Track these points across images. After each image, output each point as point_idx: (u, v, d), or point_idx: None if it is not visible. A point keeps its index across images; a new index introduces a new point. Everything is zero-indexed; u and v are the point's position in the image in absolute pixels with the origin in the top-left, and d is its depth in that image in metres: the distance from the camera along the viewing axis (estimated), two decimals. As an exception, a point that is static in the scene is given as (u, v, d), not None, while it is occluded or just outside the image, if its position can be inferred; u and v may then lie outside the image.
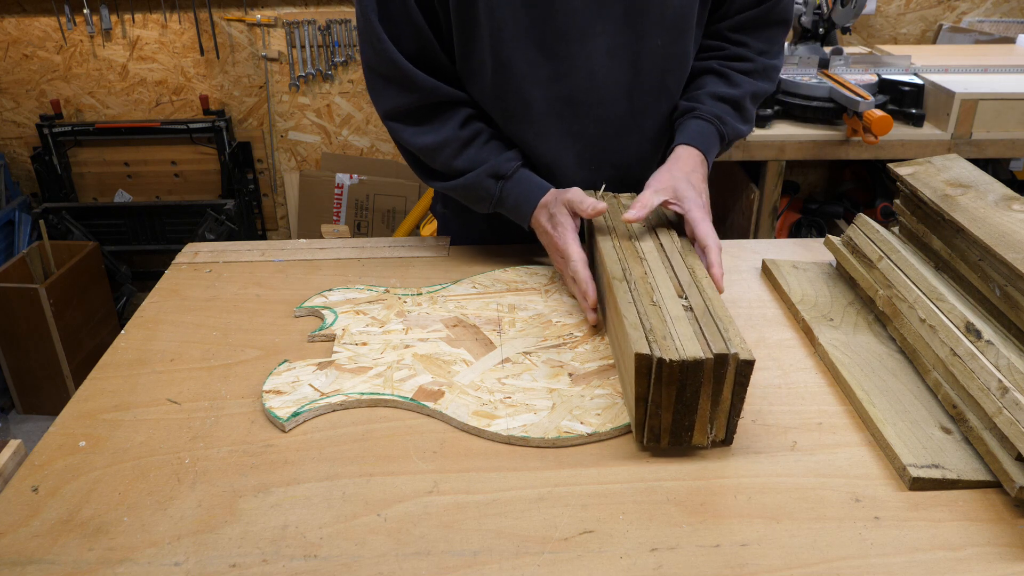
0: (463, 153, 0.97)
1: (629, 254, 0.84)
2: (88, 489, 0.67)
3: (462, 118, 0.98)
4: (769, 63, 1.06)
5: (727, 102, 1.02)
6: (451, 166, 0.98)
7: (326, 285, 1.00)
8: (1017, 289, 0.72)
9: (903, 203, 0.92)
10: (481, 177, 0.97)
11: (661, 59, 0.97)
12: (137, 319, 0.94)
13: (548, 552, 0.60)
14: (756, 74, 1.05)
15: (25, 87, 2.81)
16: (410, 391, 0.78)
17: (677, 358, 0.65)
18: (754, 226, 2.03)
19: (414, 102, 0.96)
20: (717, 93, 1.02)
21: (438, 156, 0.98)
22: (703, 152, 0.98)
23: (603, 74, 0.95)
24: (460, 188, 0.98)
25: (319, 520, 0.64)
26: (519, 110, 0.97)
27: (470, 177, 0.97)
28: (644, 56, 0.96)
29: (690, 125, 1.00)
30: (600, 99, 0.97)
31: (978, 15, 2.65)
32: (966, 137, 1.87)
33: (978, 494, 0.66)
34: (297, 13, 2.73)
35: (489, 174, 0.97)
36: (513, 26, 0.91)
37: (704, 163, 0.97)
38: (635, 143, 1.03)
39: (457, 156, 0.97)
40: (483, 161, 0.97)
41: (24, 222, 2.74)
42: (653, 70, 0.97)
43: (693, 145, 0.97)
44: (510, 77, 0.94)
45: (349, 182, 2.88)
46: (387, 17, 0.92)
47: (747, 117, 1.05)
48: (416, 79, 0.94)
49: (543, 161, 1.01)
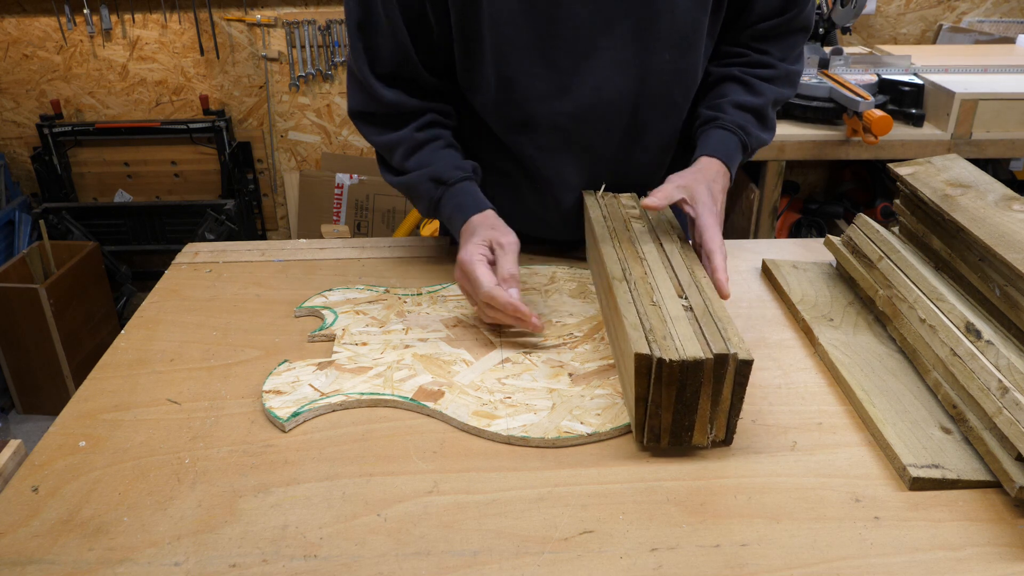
0: (414, 154, 0.97)
1: (629, 254, 0.84)
2: (88, 489, 0.67)
3: (422, 123, 0.97)
4: (792, 68, 1.04)
5: (750, 111, 1.00)
6: (403, 165, 0.98)
7: (326, 285, 1.00)
8: (1017, 289, 0.72)
9: (903, 203, 0.92)
10: (422, 179, 0.96)
11: (668, 74, 0.96)
12: (137, 319, 0.94)
13: (548, 552, 0.60)
14: (779, 80, 1.03)
15: (25, 87, 2.81)
16: (410, 391, 0.78)
17: (677, 358, 0.65)
18: (754, 226, 2.03)
19: (376, 110, 0.97)
20: (740, 102, 1.00)
21: (393, 154, 0.98)
22: (725, 163, 0.96)
23: (608, 89, 0.94)
24: (404, 186, 0.98)
25: (319, 520, 0.64)
26: (522, 123, 0.96)
27: (413, 176, 0.96)
28: (651, 71, 0.94)
29: (713, 135, 0.99)
30: (604, 114, 0.96)
31: (978, 15, 2.65)
32: (966, 137, 1.87)
33: (978, 494, 0.66)
34: (297, 13, 2.73)
35: (431, 177, 0.95)
36: (517, 40, 0.90)
37: (726, 174, 0.96)
38: (638, 157, 1.02)
39: (408, 157, 0.97)
40: (429, 164, 0.96)
41: (24, 222, 2.74)
42: (660, 85, 0.96)
43: (716, 156, 0.96)
44: (513, 91, 0.93)
45: (349, 182, 2.88)
46: (368, 27, 0.92)
47: (769, 125, 1.04)
48: (380, 96, 0.95)
49: (544, 174, 1.00)
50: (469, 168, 0.97)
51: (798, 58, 1.06)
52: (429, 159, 0.96)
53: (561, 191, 1.02)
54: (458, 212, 0.93)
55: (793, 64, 1.05)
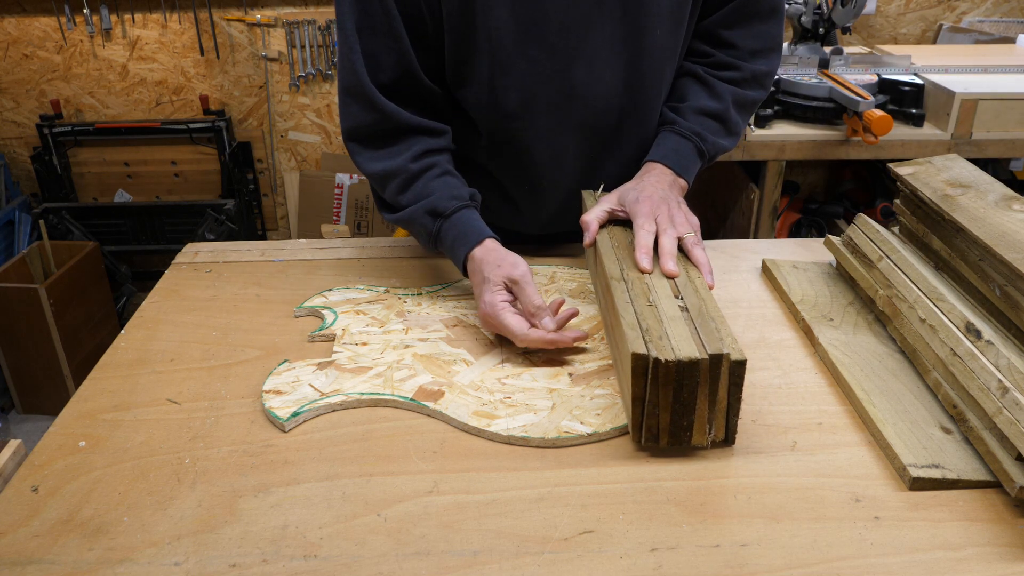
0: (410, 187, 0.93)
1: (626, 255, 0.84)
2: (88, 489, 0.67)
3: (417, 151, 0.94)
4: (759, 70, 1.02)
5: (710, 116, 1.00)
6: (397, 200, 0.94)
7: (326, 285, 1.00)
8: (1017, 289, 0.72)
9: (903, 203, 0.92)
10: (419, 213, 0.92)
11: (659, 51, 0.96)
12: (137, 319, 0.94)
13: (548, 552, 0.60)
14: (744, 83, 1.02)
15: (25, 87, 2.81)
16: (410, 391, 0.78)
17: (673, 358, 0.65)
18: (754, 226, 2.03)
19: (374, 123, 0.93)
20: (700, 107, 1.00)
21: (387, 186, 0.94)
22: (675, 169, 0.96)
23: (601, 68, 0.94)
24: (403, 222, 0.94)
25: (319, 520, 0.64)
26: (517, 107, 0.96)
27: (411, 211, 0.93)
28: (643, 49, 0.94)
29: (667, 140, 0.99)
30: (599, 93, 0.96)
31: (978, 15, 2.65)
32: (966, 137, 1.87)
33: (978, 494, 0.66)
34: (297, 13, 2.73)
35: (427, 211, 0.92)
36: (510, 23, 0.90)
37: (670, 174, 0.95)
38: (636, 136, 1.01)
39: (404, 190, 0.93)
40: (426, 196, 0.93)
41: (24, 222, 2.74)
42: (652, 62, 0.96)
43: (664, 163, 0.96)
44: (507, 75, 0.93)
45: (349, 182, 2.88)
46: (366, 29, 0.90)
47: (732, 129, 1.03)
48: (374, 98, 0.92)
49: (542, 158, 1.00)
50: (466, 196, 0.94)
51: (770, 53, 1.03)
52: (425, 190, 0.93)
53: (561, 174, 1.01)
54: (459, 244, 0.90)
55: (763, 63, 1.02)
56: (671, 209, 0.86)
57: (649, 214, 0.85)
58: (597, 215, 0.90)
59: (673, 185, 0.94)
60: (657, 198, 0.88)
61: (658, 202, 0.87)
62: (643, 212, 0.85)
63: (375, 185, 0.98)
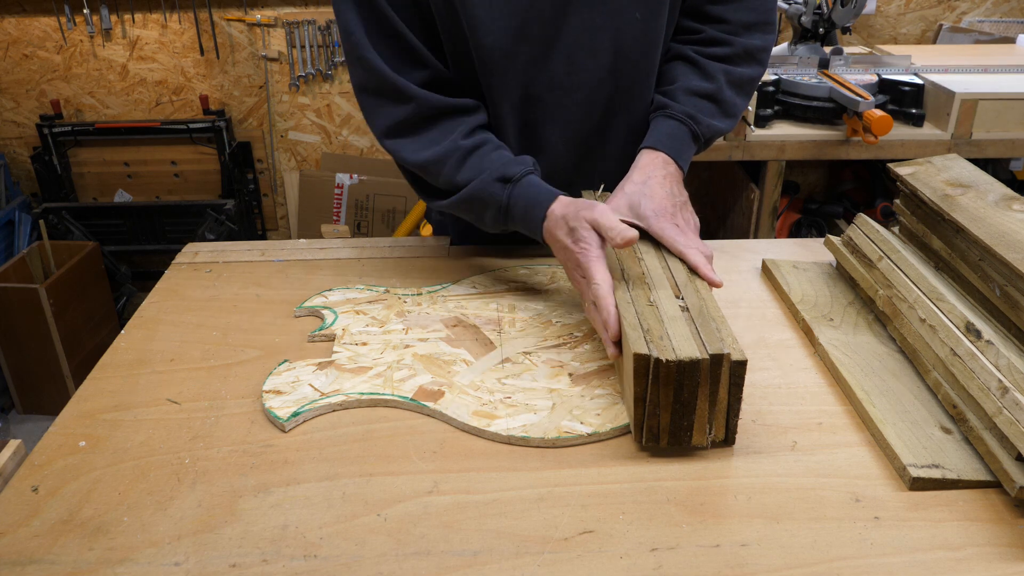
0: (466, 163, 0.90)
1: (627, 254, 0.84)
2: (88, 489, 0.67)
3: (465, 129, 0.91)
4: (752, 44, 0.98)
5: (703, 97, 0.96)
6: (454, 180, 0.90)
7: (326, 285, 1.00)
8: (1017, 289, 0.72)
9: (903, 203, 0.92)
10: (487, 183, 0.88)
11: (641, 34, 0.93)
12: (137, 319, 0.94)
13: (548, 552, 0.60)
14: (737, 60, 0.98)
15: (25, 87, 2.81)
16: (410, 391, 0.78)
17: (673, 358, 0.65)
18: (754, 226, 2.03)
19: (410, 113, 0.91)
20: (691, 88, 0.96)
21: (441, 170, 0.91)
22: (671, 155, 0.93)
23: (582, 56, 0.92)
24: (464, 200, 0.90)
25: (319, 520, 0.64)
26: (504, 98, 0.95)
27: (475, 185, 0.89)
28: (624, 33, 0.92)
29: (661, 125, 0.95)
30: (582, 82, 0.94)
31: (978, 15, 2.65)
32: (966, 137, 1.87)
33: (978, 494, 0.66)
34: (297, 13, 2.73)
35: (496, 178, 0.88)
36: (488, 13, 0.88)
37: (669, 162, 0.92)
38: (624, 123, 0.99)
39: (460, 167, 0.90)
40: (488, 167, 0.89)
41: (24, 222, 2.74)
42: (634, 46, 0.93)
43: (660, 149, 0.93)
44: (490, 64, 0.92)
45: (349, 182, 2.88)
46: (371, 30, 0.90)
47: (728, 111, 0.98)
48: (405, 88, 0.90)
49: (530, 153, 0.98)
50: (530, 162, 0.91)
51: (763, 26, 0.99)
52: (487, 163, 0.90)
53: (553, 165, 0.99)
54: (535, 206, 0.87)
55: (756, 37, 0.99)
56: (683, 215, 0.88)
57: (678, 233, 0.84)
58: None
59: (671, 176, 0.91)
60: (670, 208, 0.87)
61: (673, 212, 0.86)
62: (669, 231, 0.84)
63: (424, 174, 0.94)
